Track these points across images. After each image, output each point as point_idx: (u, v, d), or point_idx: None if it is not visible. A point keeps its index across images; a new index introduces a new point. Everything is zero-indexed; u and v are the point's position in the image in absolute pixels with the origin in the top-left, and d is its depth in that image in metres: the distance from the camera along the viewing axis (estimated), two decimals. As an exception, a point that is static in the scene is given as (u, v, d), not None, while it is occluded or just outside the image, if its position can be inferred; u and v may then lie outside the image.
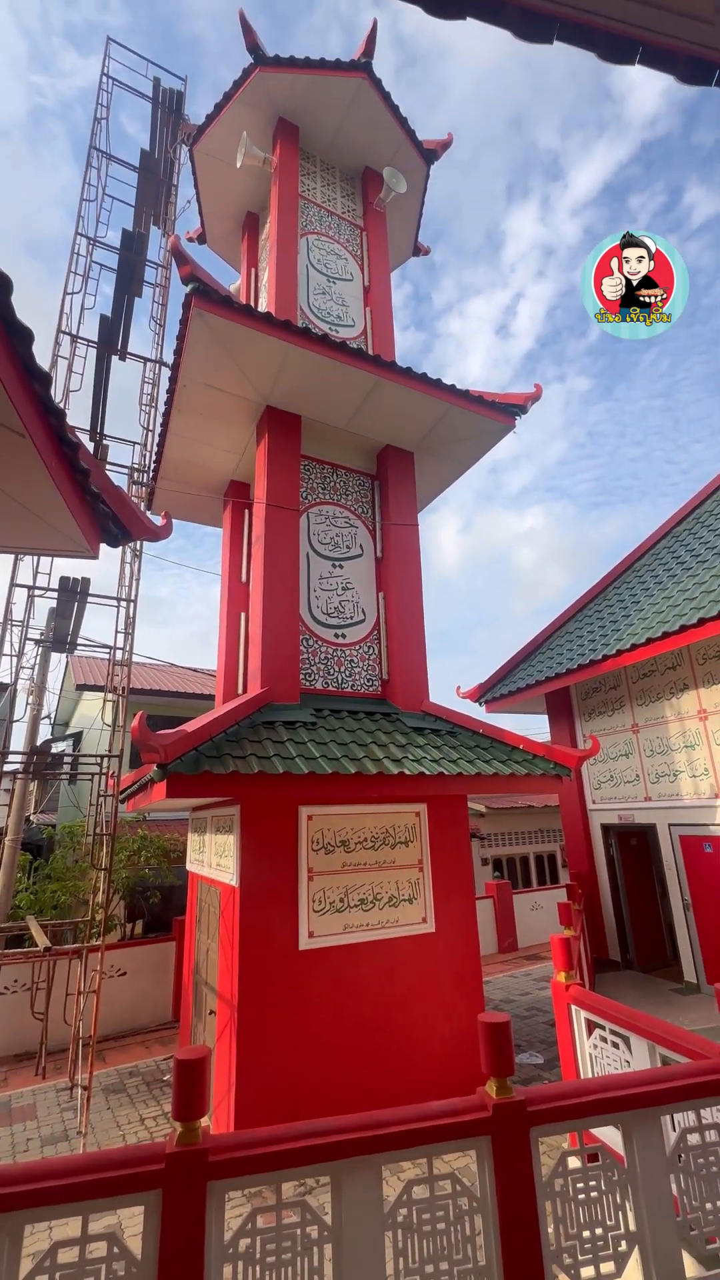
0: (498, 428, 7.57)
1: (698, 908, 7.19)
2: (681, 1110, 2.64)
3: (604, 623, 8.96)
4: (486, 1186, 2.38)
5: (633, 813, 8.26)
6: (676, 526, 10.07)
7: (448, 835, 5.85)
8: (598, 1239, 2.44)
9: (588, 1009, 3.75)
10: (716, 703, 7.11)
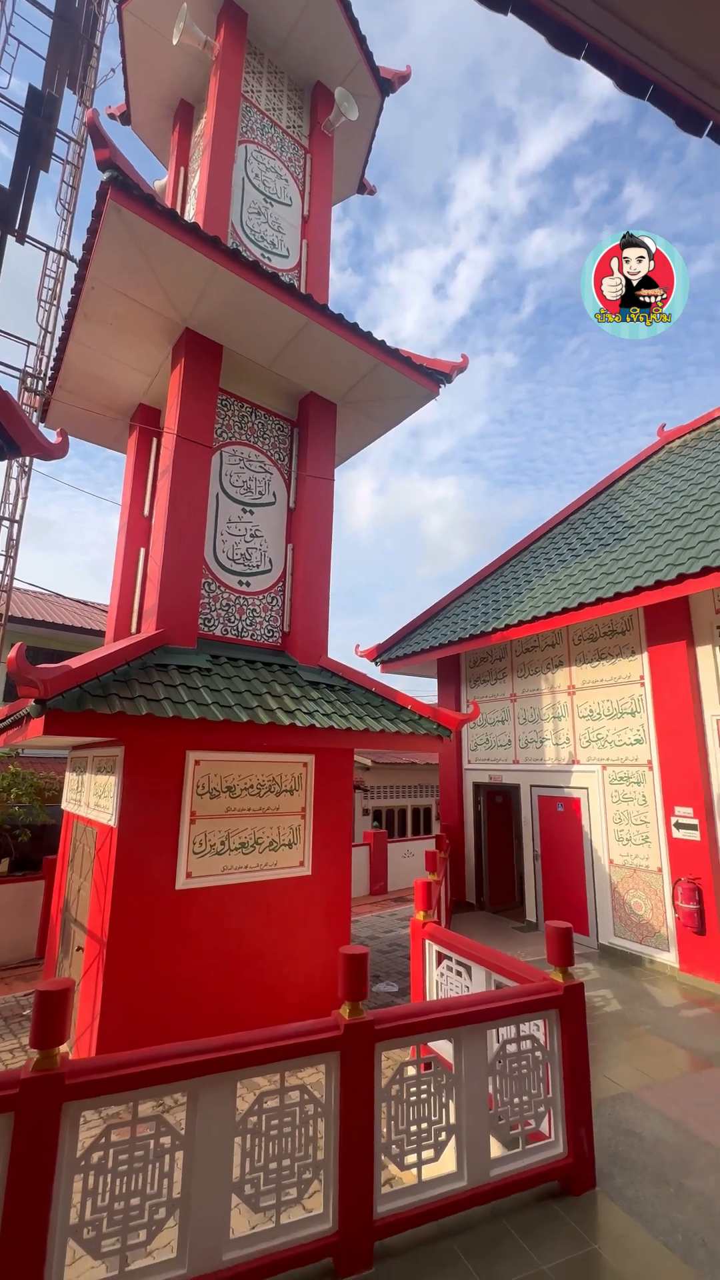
0: (422, 393, 7.58)
1: (544, 858, 8.11)
2: (505, 1025, 3.07)
3: (498, 597, 9.50)
4: (332, 1094, 2.65)
5: (502, 773, 9.04)
6: (572, 514, 10.77)
7: (332, 786, 6.10)
8: (423, 1132, 2.81)
9: (439, 943, 4.18)
10: (585, 680, 7.87)
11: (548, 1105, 3.10)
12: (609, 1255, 2.63)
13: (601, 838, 7.30)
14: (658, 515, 7.88)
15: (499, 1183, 2.84)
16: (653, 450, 10.74)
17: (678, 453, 10.12)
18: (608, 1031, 5.04)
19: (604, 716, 7.50)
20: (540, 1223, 2.80)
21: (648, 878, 6.70)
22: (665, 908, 6.43)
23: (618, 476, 10.79)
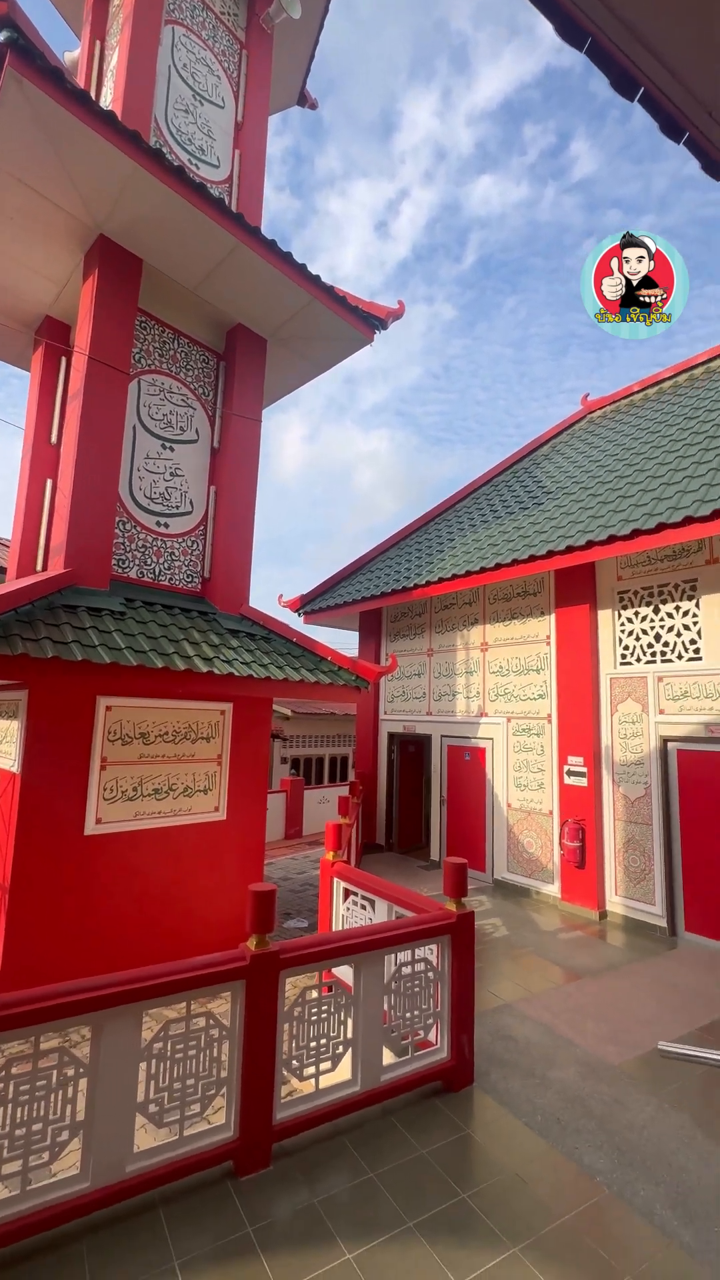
0: (357, 337, 7.35)
1: (450, 803, 8.65)
2: (402, 950, 3.33)
3: (420, 554, 9.66)
4: (237, 1019, 2.79)
5: (415, 724, 9.44)
6: (497, 476, 11.01)
7: (250, 734, 6.13)
8: (321, 1047, 3.04)
9: (346, 880, 4.41)
10: (497, 638, 8.26)
11: (436, 1017, 3.43)
12: (479, 1137, 3.02)
13: (502, 784, 7.87)
14: (574, 483, 8.22)
15: (388, 1085, 3.15)
16: (576, 419, 11.08)
17: (598, 423, 10.52)
18: (495, 954, 5.58)
19: (512, 672, 7.96)
20: (423, 1116, 3.15)
21: (540, 820, 7.33)
22: (553, 846, 7.09)
23: (542, 441, 11.09)
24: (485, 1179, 2.74)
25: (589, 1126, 3.13)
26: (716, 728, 5.82)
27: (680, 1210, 2.61)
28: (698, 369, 9.55)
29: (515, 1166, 2.83)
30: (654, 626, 6.49)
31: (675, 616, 6.31)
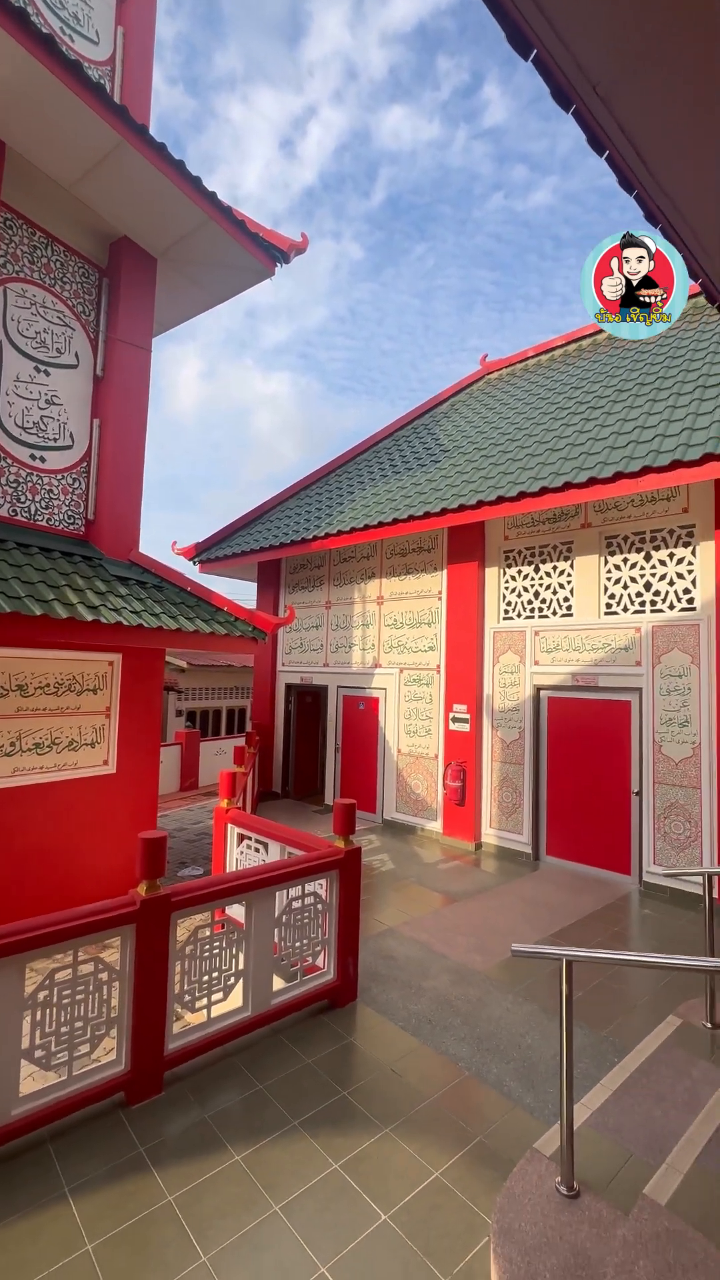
0: (257, 267, 6.94)
1: (344, 750, 8.99)
2: (293, 886, 3.51)
3: (321, 505, 9.59)
4: (127, 962, 2.83)
5: (312, 675, 9.59)
6: (397, 431, 11.06)
7: (141, 686, 5.93)
8: (214, 980, 3.18)
9: (240, 825, 4.52)
10: (392, 591, 8.50)
11: (324, 944, 3.69)
12: (359, 1042, 3.34)
13: (394, 731, 8.29)
14: (470, 443, 8.48)
15: (278, 1008, 3.37)
16: (474, 378, 11.31)
17: (495, 384, 10.81)
18: (383, 886, 6.01)
19: (405, 625, 8.27)
20: (310, 1031, 3.42)
21: (427, 763, 7.85)
22: (437, 787, 7.65)
23: (442, 399, 11.24)
24: (363, 1077, 3.06)
25: (455, 1023, 3.57)
26: (581, 676, 6.48)
27: (525, 1081, 3.08)
28: (585, 340, 10.05)
29: (390, 1063, 3.18)
30: (534, 584, 7.00)
31: (552, 576, 6.84)
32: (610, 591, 6.37)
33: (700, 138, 1.98)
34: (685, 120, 1.93)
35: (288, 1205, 2.31)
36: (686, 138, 1.98)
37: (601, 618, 6.39)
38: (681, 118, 1.92)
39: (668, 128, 1.95)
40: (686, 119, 1.92)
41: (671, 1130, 2.55)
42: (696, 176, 2.13)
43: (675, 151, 2.03)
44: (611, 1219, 2.11)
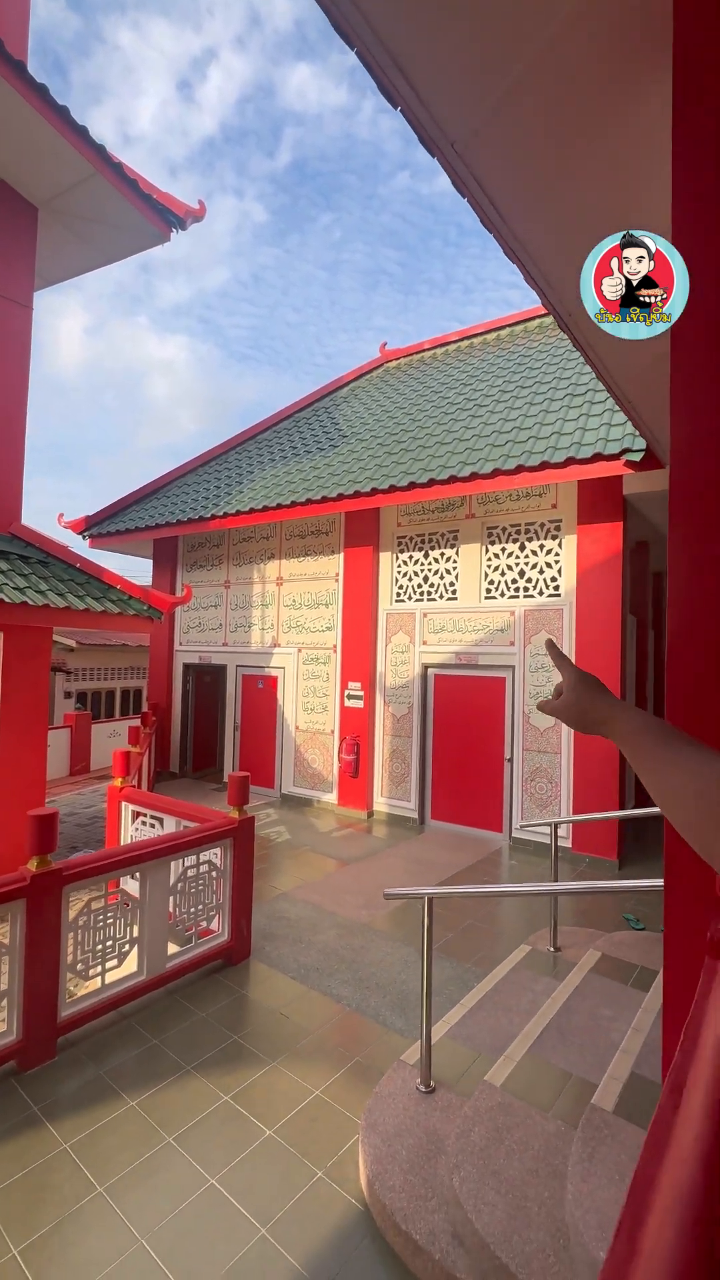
0: (151, 231, 6.69)
1: (243, 728, 9.12)
2: (188, 856, 3.68)
3: (219, 483, 9.49)
4: (18, 937, 2.89)
5: (211, 655, 9.57)
6: (298, 412, 11.11)
7: (25, 667, 5.70)
8: (108, 949, 3.30)
9: (134, 802, 4.57)
10: (291, 573, 8.67)
11: (219, 909, 3.90)
12: (252, 993, 3.61)
13: (292, 709, 8.53)
14: (368, 430, 8.76)
15: (174, 969, 3.55)
16: (374, 365, 11.58)
17: (393, 372, 11.15)
18: (279, 855, 6.29)
19: (304, 606, 8.49)
20: (205, 989, 3.64)
21: (323, 739, 8.18)
22: (333, 760, 8.02)
23: (342, 383, 11.40)
24: (254, 1022, 3.34)
25: (340, 969, 3.94)
26: (464, 656, 7.06)
27: (398, 1009, 3.51)
28: (476, 338, 10.62)
29: (279, 1007, 3.48)
30: (423, 569, 7.47)
31: (440, 562, 7.34)
32: (490, 578, 6.97)
33: (543, 195, 2.32)
34: (531, 178, 2.26)
35: (180, 1135, 2.55)
36: (533, 193, 2.32)
37: (482, 602, 6.99)
38: (528, 176, 2.24)
39: (516, 183, 2.27)
40: (532, 178, 2.25)
41: (512, 1032, 3.07)
42: (543, 227, 2.48)
43: (523, 204, 2.36)
44: (458, 1103, 2.55)
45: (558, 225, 2.44)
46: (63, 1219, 2.16)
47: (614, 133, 2.04)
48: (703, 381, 1.41)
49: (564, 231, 2.46)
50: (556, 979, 3.66)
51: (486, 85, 1.85)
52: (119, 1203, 2.23)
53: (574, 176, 2.22)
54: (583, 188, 2.26)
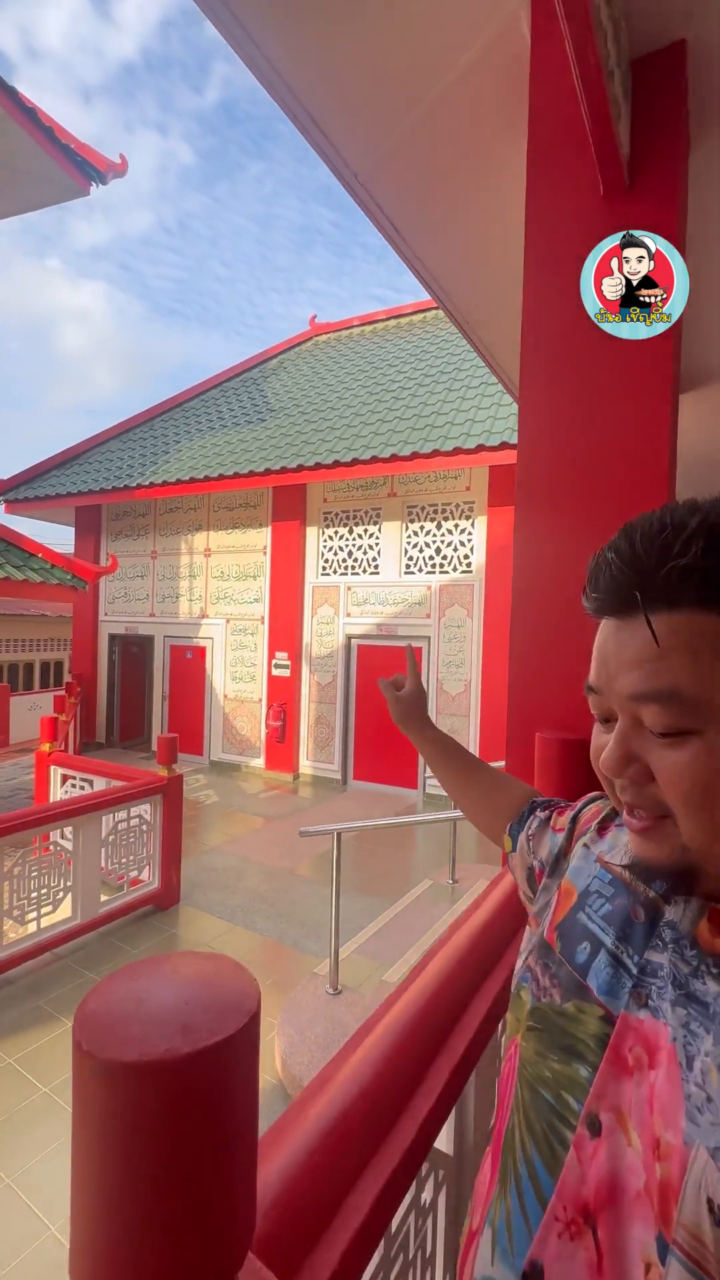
0: (67, 183, 6.48)
1: (172, 698, 9.25)
2: (119, 810, 3.94)
3: (146, 451, 9.37)
4: (-46, 884, 3.08)
5: (138, 625, 9.56)
6: (226, 382, 11.03)
7: (-59, 634, 5.61)
8: (43, 895, 3.54)
9: (64, 765, 4.74)
10: (219, 544, 8.78)
11: (149, 859, 4.20)
12: (182, 932, 3.97)
13: (220, 678, 8.75)
14: (295, 405, 8.91)
15: (107, 914, 3.84)
16: (304, 338, 11.61)
17: (322, 347, 11.24)
18: (210, 817, 6.60)
19: (232, 578, 8.66)
20: (137, 931, 3.95)
21: (251, 706, 8.48)
22: (260, 727, 8.35)
23: (270, 355, 11.38)
24: (184, 954, 3.70)
25: (264, 908, 4.36)
26: (385, 627, 7.53)
27: (313, 937, 3.97)
28: (404, 319, 10.89)
29: (207, 942, 3.86)
30: (348, 544, 7.82)
31: (363, 538, 7.71)
32: (409, 554, 7.42)
33: (436, 221, 2.66)
34: (425, 208, 2.59)
35: (117, 1044, 2.89)
36: (427, 219, 2.65)
37: (402, 576, 7.45)
38: (423, 206, 2.58)
39: (412, 210, 2.60)
40: (426, 207, 2.58)
41: (411, 944, 3.60)
42: (437, 247, 2.83)
43: (419, 227, 2.69)
44: (359, 999, 3.04)
45: (450, 246, 2.80)
46: (13, 1112, 2.47)
47: (492, 175, 2.40)
48: (539, 387, 1.84)
49: (456, 252, 2.83)
50: (451, 904, 4.24)
51: (382, 134, 2.16)
52: (63, 1099, 2.56)
53: (462, 209, 2.57)
54: (469, 218, 2.62)
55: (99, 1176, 0.34)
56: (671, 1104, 0.41)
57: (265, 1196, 0.62)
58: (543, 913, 0.61)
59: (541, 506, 1.83)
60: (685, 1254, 0.38)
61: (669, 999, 0.45)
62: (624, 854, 0.55)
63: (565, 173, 1.83)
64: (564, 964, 0.53)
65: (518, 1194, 0.48)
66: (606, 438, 1.74)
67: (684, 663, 0.42)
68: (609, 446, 1.74)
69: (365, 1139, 0.73)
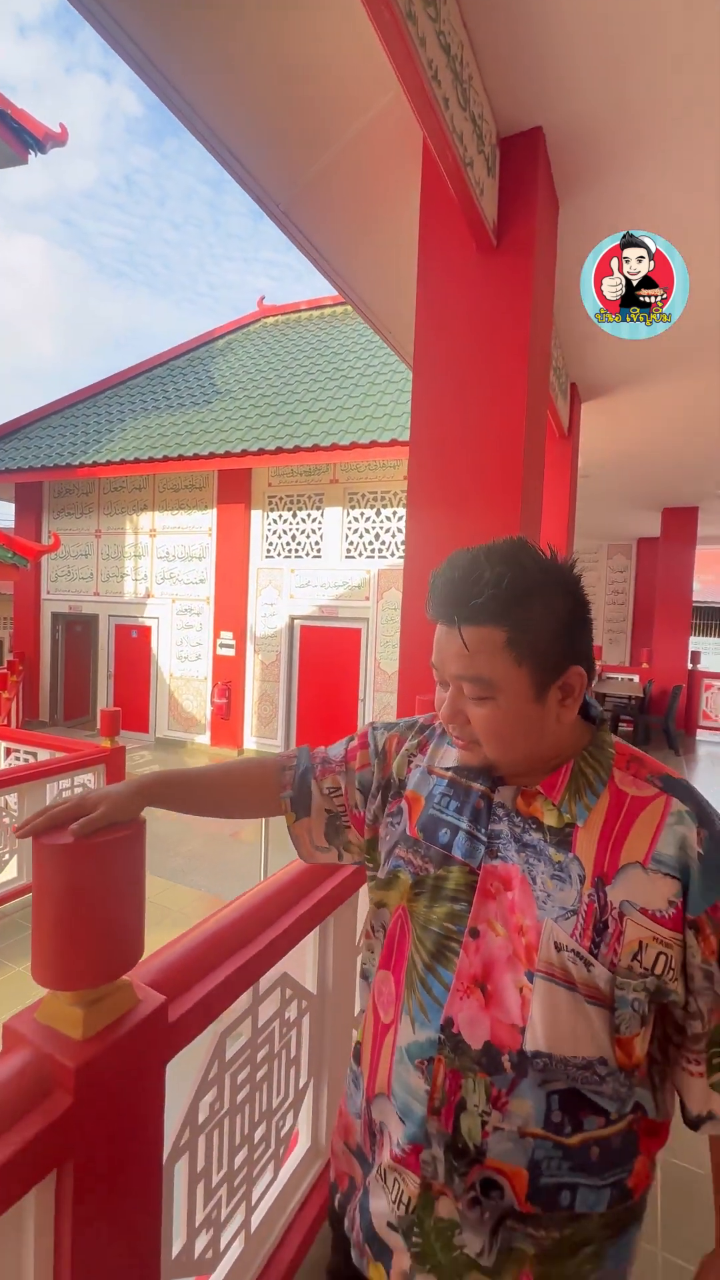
0: (3, 150, 6.38)
1: (117, 676, 9.36)
2: (63, 780, 4.18)
3: (89, 428, 9.30)
4: None
5: (82, 604, 9.57)
6: (176, 359, 10.97)
7: None
8: (-11, 858, 3.78)
9: (7, 739, 4.91)
10: (165, 525, 8.88)
11: (92, 825, 4.46)
12: (124, 890, 4.27)
13: (167, 658, 8.91)
14: (242, 389, 9.03)
15: (51, 875, 4.10)
16: (251, 319, 11.62)
17: (270, 329, 11.30)
18: (151, 790, 6.85)
19: (177, 559, 8.79)
20: (80, 890, 4.23)
21: (197, 685, 8.71)
22: (206, 704, 8.59)
23: (218, 335, 11.36)
24: (126, 908, 4.01)
25: (203, 868, 4.71)
26: (326, 609, 7.88)
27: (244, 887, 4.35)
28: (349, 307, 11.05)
29: (149, 899, 4.17)
30: (292, 528, 8.09)
31: (307, 522, 8.00)
32: (350, 539, 7.76)
33: (350, 245, 2.97)
34: (340, 234, 2.90)
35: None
36: (342, 244, 2.96)
37: (343, 560, 7.79)
38: (338, 233, 2.88)
39: (329, 236, 2.90)
40: (341, 234, 2.89)
41: (334, 894, 4.04)
42: (355, 268, 3.14)
43: (336, 249, 2.99)
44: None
45: (365, 265, 3.11)
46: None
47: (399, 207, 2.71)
48: (429, 396, 2.22)
49: (370, 269, 3.15)
50: (377, 860, 4.70)
51: (298, 172, 2.46)
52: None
53: (374, 232, 2.88)
54: (382, 240, 2.93)
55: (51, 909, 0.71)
56: (526, 904, 0.67)
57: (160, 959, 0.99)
58: (394, 818, 0.83)
59: (425, 504, 2.23)
60: (545, 973, 0.64)
61: (513, 849, 0.70)
62: (449, 761, 0.81)
63: (447, 231, 2.20)
64: (431, 846, 0.76)
65: (425, 989, 0.71)
66: (473, 446, 2.15)
67: (482, 659, 0.67)
68: (476, 453, 2.15)
69: (236, 940, 1.12)
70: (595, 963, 0.64)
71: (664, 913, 0.64)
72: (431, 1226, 0.68)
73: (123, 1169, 0.81)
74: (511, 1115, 0.65)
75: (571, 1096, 0.65)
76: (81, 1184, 0.75)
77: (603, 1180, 0.66)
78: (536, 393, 2.25)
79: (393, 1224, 0.72)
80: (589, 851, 0.67)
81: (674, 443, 5.64)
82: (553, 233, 2.46)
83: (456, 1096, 0.67)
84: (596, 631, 11.66)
